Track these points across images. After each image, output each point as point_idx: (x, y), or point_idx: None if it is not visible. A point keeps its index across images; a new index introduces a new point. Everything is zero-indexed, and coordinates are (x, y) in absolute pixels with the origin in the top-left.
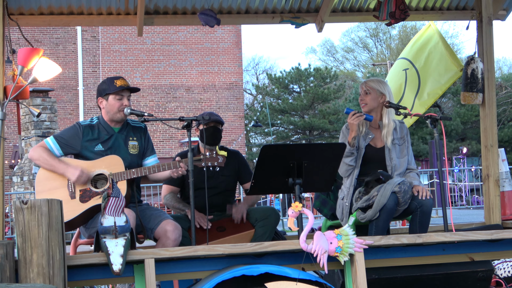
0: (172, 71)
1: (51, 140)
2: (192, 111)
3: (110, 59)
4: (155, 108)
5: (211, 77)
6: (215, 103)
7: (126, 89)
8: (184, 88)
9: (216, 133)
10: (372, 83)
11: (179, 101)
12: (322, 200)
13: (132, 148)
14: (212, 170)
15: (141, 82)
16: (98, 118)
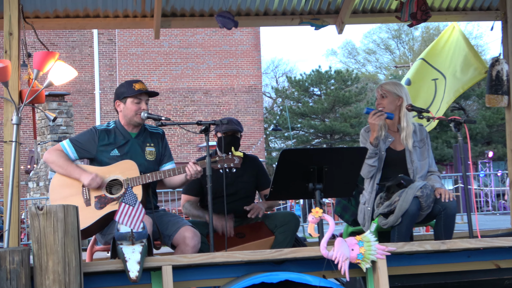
0: (190, 74)
1: (66, 144)
2: (210, 115)
3: (127, 62)
4: (173, 112)
5: (229, 80)
6: (233, 106)
7: (145, 93)
8: (202, 92)
9: (234, 142)
10: (388, 86)
11: (197, 105)
12: (343, 205)
13: (149, 154)
14: (230, 176)
15: (159, 85)
16: (115, 122)
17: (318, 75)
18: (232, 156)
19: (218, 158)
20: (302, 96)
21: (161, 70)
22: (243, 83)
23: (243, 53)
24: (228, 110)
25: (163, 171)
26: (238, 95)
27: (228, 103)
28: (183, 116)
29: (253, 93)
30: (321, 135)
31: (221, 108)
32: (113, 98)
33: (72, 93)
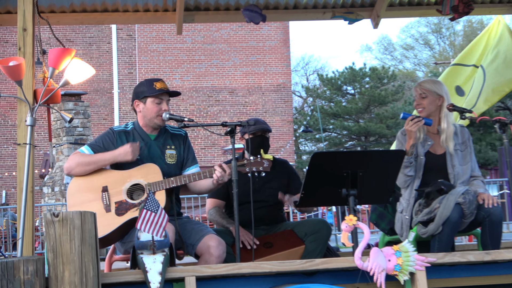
0: (214, 72)
1: (86, 149)
2: (236, 116)
3: (147, 59)
4: (196, 112)
5: (256, 79)
6: (261, 106)
7: (166, 93)
8: (227, 91)
9: (264, 143)
10: (428, 85)
11: (222, 105)
12: (379, 213)
13: (169, 158)
14: (258, 181)
15: (181, 84)
16: (134, 124)
17: (351, 73)
18: (261, 159)
19: (245, 161)
20: (334, 95)
21: (184, 67)
22: (271, 81)
23: (271, 49)
24: (255, 110)
25: (188, 175)
26: (265, 95)
27: (255, 103)
28: (207, 117)
29: (282, 92)
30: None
31: (248, 108)
32: (132, 97)
33: (89, 92)
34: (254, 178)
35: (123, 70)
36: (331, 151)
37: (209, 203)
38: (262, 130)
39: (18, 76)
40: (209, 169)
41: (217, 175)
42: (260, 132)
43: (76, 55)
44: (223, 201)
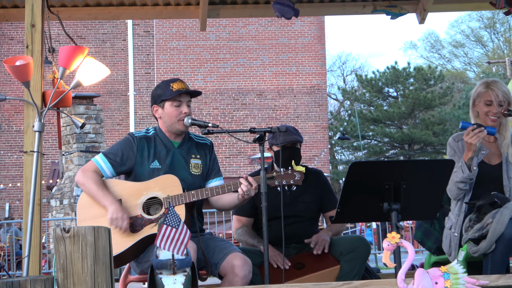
0: (241, 72)
1: (101, 159)
2: (264, 121)
3: (166, 58)
4: (220, 117)
5: (288, 80)
6: (292, 111)
7: (185, 93)
8: (255, 93)
9: (295, 155)
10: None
11: (249, 109)
12: (425, 230)
13: (194, 168)
14: (289, 194)
15: (204, 86)
16: (155, 129)
17: (394, 73)
18: (292, 171)
19: (275, 173)
20: (374, 98)
21: (207, 67)
22: (304, 82)
23: (305, 47)
24: (286, 115)
25: (211, 189)
26: (298, 97)
27: (286, 107)
28: (233, 122)
29: (316, 95)
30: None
31: (278, 113)
32: (150, 102)
33: (102, 94)
34: (284, 191)
35: (140, 70)
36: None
37: (235, 222)
38: (292, 141)
39: (25, 76)
40: (234, 182)
41: (243, 189)
42: (290, 143)
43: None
44: (250, 219)
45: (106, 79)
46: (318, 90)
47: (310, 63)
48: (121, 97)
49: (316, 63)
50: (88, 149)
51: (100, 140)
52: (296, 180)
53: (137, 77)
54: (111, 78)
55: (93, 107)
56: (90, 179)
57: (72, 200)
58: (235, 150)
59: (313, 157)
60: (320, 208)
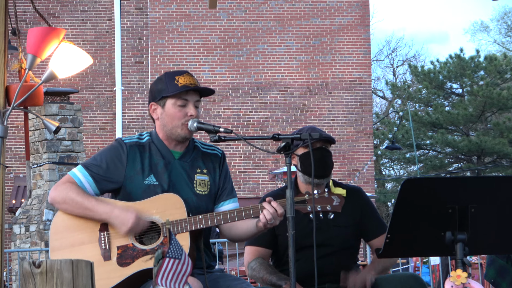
0: (260, 61)
1: (80, 172)
2: (290, 125)
3: (163, 43)
4: (234, 120)
5: (321, 71)
6: (326, 112)
7: (193, 91)
8: (278, 89)
9: (327, 159)
10: None
11: (270, 109)
12: (499, 267)
13: (199, 186)
14: (323, 218)
15: (212, 79)
16: (150, 134)
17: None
18: (330, 194)
19: (307, 196)
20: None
21: (216, 55)
22: (342, 75)
23: (343, 30)
24: (318, 117)
25: (223, 213)
26: (334, 94)
27: (319, 107)
28: (249, 127)
29: (358, 92)
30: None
31: (308, 114)
32: (148, 99)
33: (81, 90)
34: (319, 220)
35: (130, 59)
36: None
37: (248, 253)
38: (324, 140)
39: None
40: (254, 206)
41: (266, 217)
42: (321, 143)
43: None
44: (268, 250)
45: (87, 70)
46: (360, 86)
47: (350, 50)
48: (105, 93)
49: (357, 50)
50: (62, 160)
51: (78, 149)
52: (334, 206)
53: (126, 67)
54: (93, 69)
55: (70, 106)
56: (71, 190)
57: (42, 226)
58: (251, 163)
59: (353, 172)
60: (360, 234)
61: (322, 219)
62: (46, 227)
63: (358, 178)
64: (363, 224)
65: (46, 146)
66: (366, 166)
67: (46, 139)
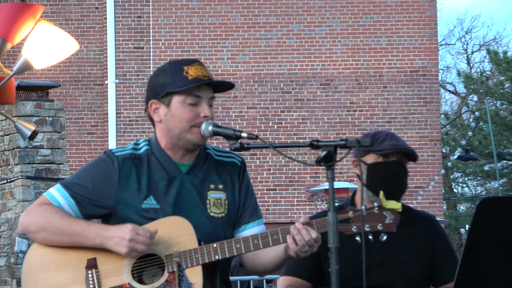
0: (295, 47)
1: (58, 192)
2: (334, 128)
3: (169, 23)
4: (260, 121)
5: (373, 59)
6: (381, 111)
7: (207, 85)
8: (318, 82)
9: (402, 178)
10: None
11: (308, 108)
12: None
13: (214, 206)
14: (378, 248)
15: (232, 70)
16: (149, 142)
17: None
18: (381, 210)
19: (352, 213)
20: None
21: (238, 39)
22: (400, 64)
23: (402, 5)
24: (370, 118)
25: (245, 239)
26: (390, 89)
27: (370, 105)
28: (281, 130)
29: (421, 85)
30: None
31: (356, 115)
32: (145, 96)
33: (64, 84)
34: (369, 243)
35: (126, 44)
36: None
37: (282, 284)
38: (403, 152)
39: None
40: (284, 230)
41: (297, 242)
42: (398, 155)
43: (43, 16)
44: (308, 283)
45: (71, 58)
46: (424, 78)
47: (411, 31)
48: (95, 88)
49: (421, 32)
50: (39, 174)
51: (60, 160)
52: (386, 225)
53: (121, 54)
54: (79, 57)
55: (49, 104)
56: (50, 212)
57: (13, 259)
58: (284, 178)
59: (416, 189)
60: (430, 275)
61: (377, 244)
62: (19, 261)
63: (422, 197)
64: (434, 263)
65: (19, 156)
66: (433, 181)
67: (19, 147)
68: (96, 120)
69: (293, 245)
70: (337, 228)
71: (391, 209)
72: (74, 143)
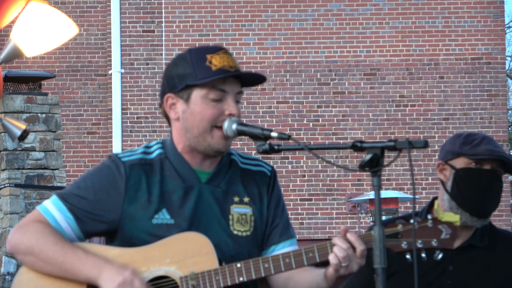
0: (334, 30)
1: (54, 206)
2: (380, 126)
3: (184, 2)
4: (293, 118)
5: (427, 45)
6: (436, 106)
7: (234, 78)
8: (362, 72)
9: (495, 191)
10: None
11: (350, 102)
12: None
13: (238, 223)
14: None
15: (259, 58)
16: (163, 145)
17: None
18: (436, 224)
19: (401, 226)
20: None
21: (266, 20)
22: (459, 50)
23: None
24: (423, 114)
25: (273, 258)
26: (448, 80)
27: (424, 98)
28: (318, 129)
29: (485, 75)
30: None
31: (407, 111)
32: (160, 89)
33: (60, 74)
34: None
35: (133, 27)
36: None
37: None
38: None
39: None
40: (321, 246)
41: (338, 255)
42: (494, 164)
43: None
44: None
45: (69, 44)
46: (488, 66)
47: (473, 11)
48: (96, 78)
49: (484, 12)
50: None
51: (55, 164)
52: (442, 240)
53: (128, 39)
54: (78, 42)
55: (42, 98)
56: (41, 234)
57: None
58: (321, 186)
59: None
60: None
61: (433, 264)
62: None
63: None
64: None
65: (7, 160)
66: None
67: (7, 149)
68: (98, 117)
69: (335, 260)
70: (385, 245)
71: (448, 222)
72: (72, 145)
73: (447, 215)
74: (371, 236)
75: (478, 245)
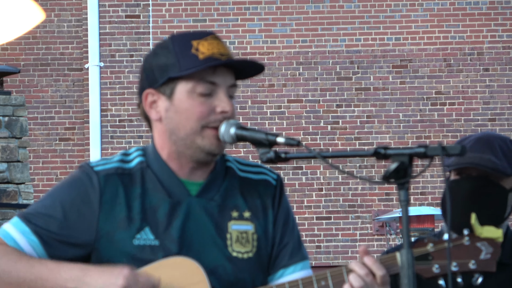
0: (356, 14)
1: (15, 228)
2: (413, 129)
3: None
4: (307, 120)
5: (469, 31)
6: (480, 103)
7: (226, 67)
8: (390, 63)
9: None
10: None
11: (376, 100)
12: None
13: (238, 242)
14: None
15: (266, 47)
16: (144, 152)
17: None
18: (473, 241)
19: (431, 246)
20: None
21: (274, 1)
22: (507, 37)
23: None
24: (464, 114)
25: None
26: (493, 73)
27: (465, 94)
28: (337, 133)
29: None
30: None
31: (445, 110)
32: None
33: (26, 69)
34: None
35: (114, 11)
36: None
37: None
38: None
39: None
40: (335, 271)
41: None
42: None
43: None
44: None
45: (36, 33)
46: None
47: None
48: (70, 74)
49: None
50: None
51: (20, 178)
52: (482, 261)
53: (107, 26)
54: (47, 30)
55: (5, 98)
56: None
57: None
58: (341, 201)
59: None
60: None
61: None
62: None
63: None
64: None
65: None
66: None
67: None
68: (73, 120)
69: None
70: (414, 271)
71: (488, 239)
72: (41, 154)
73: (487, 230)
74: (394, 259)
75: (509, 263)
